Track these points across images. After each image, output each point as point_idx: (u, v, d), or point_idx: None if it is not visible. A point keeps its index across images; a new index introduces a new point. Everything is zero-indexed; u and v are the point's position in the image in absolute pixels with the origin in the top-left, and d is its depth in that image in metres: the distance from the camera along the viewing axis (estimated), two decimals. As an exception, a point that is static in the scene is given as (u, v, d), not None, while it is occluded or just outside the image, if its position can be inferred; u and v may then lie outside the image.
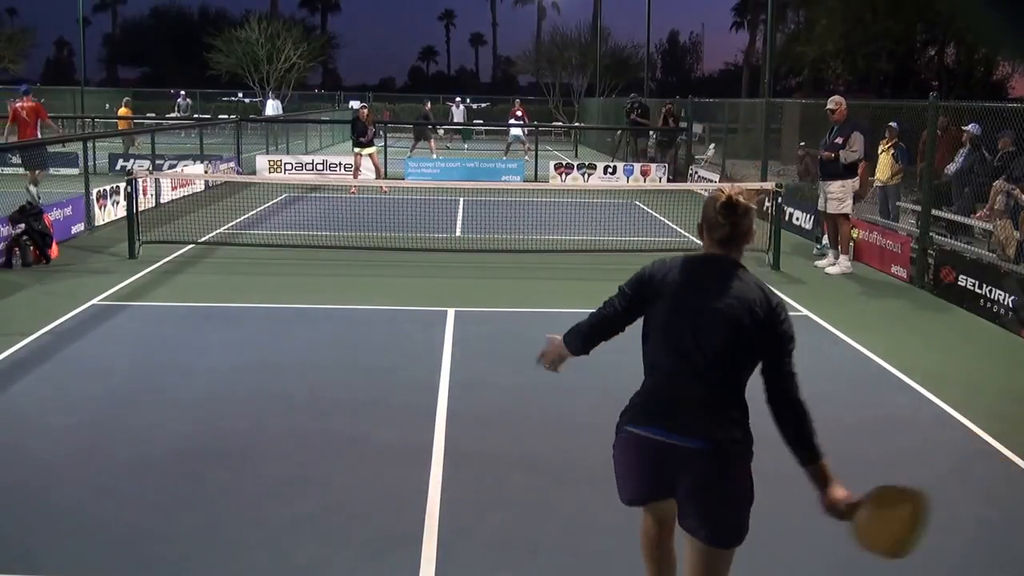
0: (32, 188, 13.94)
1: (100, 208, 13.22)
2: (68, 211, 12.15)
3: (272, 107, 35.08)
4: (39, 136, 16.39)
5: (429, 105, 34.92)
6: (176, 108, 38.06)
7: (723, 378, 3.02)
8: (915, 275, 10.37)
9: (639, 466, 3.10)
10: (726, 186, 3.15)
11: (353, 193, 17.37)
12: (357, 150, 19.13)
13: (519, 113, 31.17)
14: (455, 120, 37.90)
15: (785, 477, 5.01)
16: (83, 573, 3.91)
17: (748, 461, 3.08)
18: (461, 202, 16.31)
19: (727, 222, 3.02)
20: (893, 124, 12.73)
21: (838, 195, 10.94)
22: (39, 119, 16.49)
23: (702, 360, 2.98)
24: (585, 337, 3.42)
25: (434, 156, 24.70)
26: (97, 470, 4.92)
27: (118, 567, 3.97)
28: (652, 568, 3.36)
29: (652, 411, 3.05)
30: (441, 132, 35.42)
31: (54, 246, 10.74)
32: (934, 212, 11.11)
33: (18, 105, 16.29)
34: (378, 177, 18.80)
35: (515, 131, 30.15)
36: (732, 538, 3.05)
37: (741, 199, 3.05)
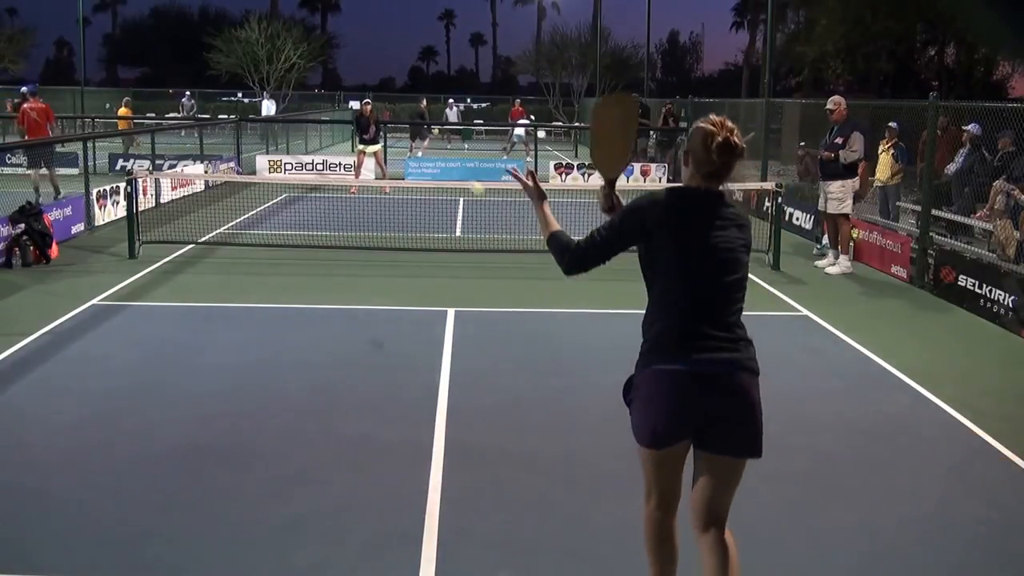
0: (52, 188, 14.10)
1: (100, 208, 13.22)
2: (68, 211, 12.15)
3: (267, 107, 35.08)
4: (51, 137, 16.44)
5: (424, 103, 34.94)
6: (180, 108, 38.04)
7: (737, 303, 3.23)
8: (915, 275, 10.37)
9: (668, 401, 3.13)
10: (717, 120, 3.22)
11: (353, 193, 17.34)
12: (360, 147, 19.00)
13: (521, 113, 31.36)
14: (450, 121, 37.95)
15: (785, 476, 5.02)
16: (83, 573, 3.91)
17: (758, 373, 3.26)
18: (461, 202, 16.31)
19: (720, 161, 3.16)
20: (892, 124, 12.73)
21: (838, 195, 10.94)
22: (48, 122, 16.40)
23: (722, 290, 3.17)
24: (573, 271, 3.35)
25: (419, 154, 24.71)
26: (97, 470, 4.92)
27: (118, 567, 3.97)
28: (658, 559, 3.32)
29: (679, 346, 3.13)
30: (436, 131, 35.44)
31: (54, 246, 10.74)
32: (934, 212, 11.11)
33: (27, 106, 16.24)
34: (383, 176, 18.74)
35: (518, 131, 30.23)
36: (760, 446, 3.24)
37: (737, 140, 3.18)
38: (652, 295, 3.26)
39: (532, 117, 31.08)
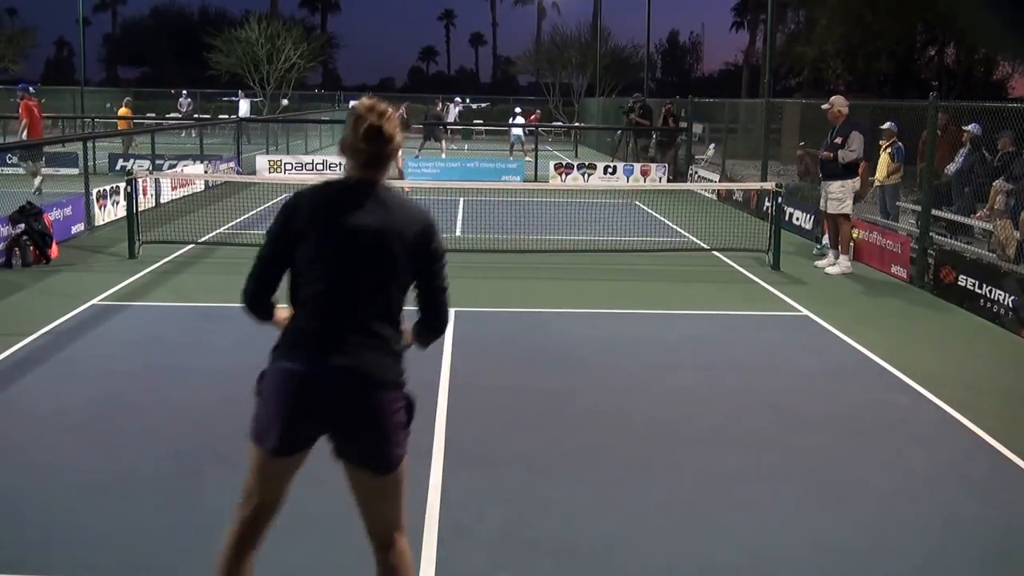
0: (36, 180, 14.16)
1: (100, 208, 13.22)
2: (68, 211, 12.15)
3: (243, 108, 34.95)
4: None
5: (440, 106, 34.93)
6: (179, 107, 38.02)
7: (380, 303, 2.97)
8: (915, 275, 10.37)
9: (280, 403, 2.91)
10: (367, 103, 3.01)
11: (405, 191, 17.08)
12: None
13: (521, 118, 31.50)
14: (448, 120, 38.02)
15: (785, 476, 5.02)
16: (83, 573, 3.91)
17: (401, 384, 3.05)
18: (461, 202, 16.30)
19: (369, 148, 2.95)
20: (888, 125, 12.72)
21: (838, 195, 10.94)
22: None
23: (361, 286, 2.93)
24: (257, 305, 3.14)
25: (443, 156, 24.71)
26: (97, 470, 4.92)
27: (118, 567, 3.97)
28: (223, 571, 3.09)
29: (301, 344, 2.94)
30: (449, 132, 35.57)
31: (54, 246, 10.74)
32: (934, 212, 11.11)
33: (31, 103, 16.74)
34: (398, 176, 18.60)
35: (516, 131, 30.28)
36: (391, 464, 3.03)
37: (386, 126, 2.95)
38: (291, 291, 3.03)
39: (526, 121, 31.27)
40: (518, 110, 35.76)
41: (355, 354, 2.90)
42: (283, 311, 3.11)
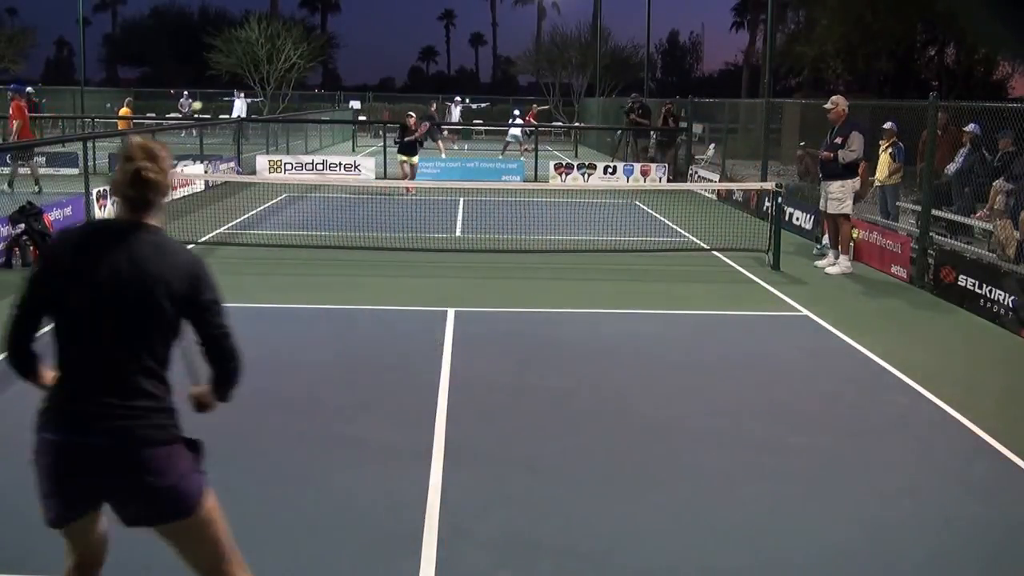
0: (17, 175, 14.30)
1: (100, 208, 13.21)
2: (68, 211, 12.14)
3: (238, 107, 34.97)
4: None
5: (435, 106, 35.02)
6: (180, 107, 37.98)
7: (139, 357, 2.73)
8: (915, 275, 10.37)
9: (57, 477, 2.77)
10: (136, 144, 2.80)
11: (411, 191, 16.79)
12: (403, 158, 18.23)
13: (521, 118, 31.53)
14: (452, 120, 38.01)
15: (785, 476, 5.02)
16: (83, 573, 3.91)
17: (174, 439, 2.81)
18: (461, 202, 16.31)
19: (135, 194, 2.76)
20: (888, 125, 12.72)
21: (838, 195, 10.94)
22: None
23: (116, 341, 2.71)
24: (17, 359, 2.86)
25: (443, 155, 24.69)
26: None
27: (118, 567, 3.96)
28: None
29: (63, 411, 2.75)
30: (446, 132, 35.63)
31: (54, 246, 10.73)
32: (934, 212, 11.11)
33: (22, 103, 16.84)
34: (411, 177, 18.19)
35: (514, 131, 30.29)
36: (183, 509, 2.82)
37: (151, 175, 2.74)
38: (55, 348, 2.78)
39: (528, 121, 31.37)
40: (516, 112, 35.83)
41: (119, 418, 2.70)
42: (50, 373, 2.87)
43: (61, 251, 2.77)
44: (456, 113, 38.57)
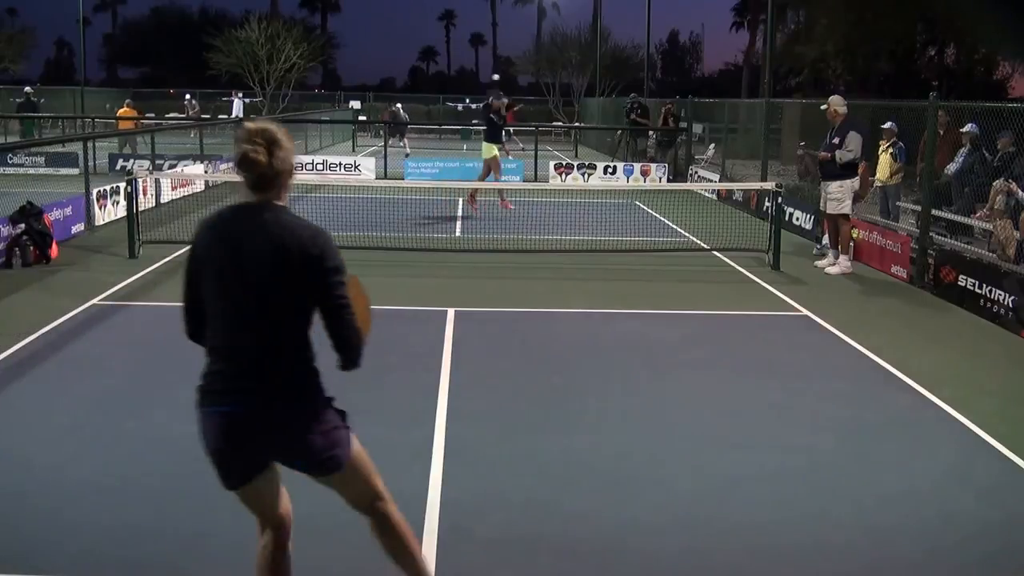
0: None
1: (100, 208, 13.23)
2: (68, 211, 12.16)
3: (236, 107, 34.99)
4: None
5: (399, 106, 36.15)
6: (184, 109, 37.98)
7: (278, 326, 2.96)
8: (915, 275, 10.37)
9: (219, 448, 2.99)
10: (252, 128, 2.94)
11: (509, 207, 15.59)
12: (494, 149, 15.94)
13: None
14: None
15: (785, 476, 5.02)
16: (83, 573, 3.92)
17: (323, 404, 3.09)
18: (461, 202, 16.30)
19: (247, 175, 2.93)
20: (888, 124, 12.72)
21: (837, 195, 10.94)
22: None
23: (253, 314, 2.92)
24: (201, 340, 3.14)
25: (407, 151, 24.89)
26: (96, 470, 4.92)
27: (118, 567, 3.97)
28: None
29: (217, 387, 2.97)
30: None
31: (54, 246, 10.74)
32: (934, 212, 11.11)
33: None
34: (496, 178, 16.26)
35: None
36: (333, 464, 3.09)
37: (260, 156, 2.89)
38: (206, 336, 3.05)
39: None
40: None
41: (270, 386, 2.95)
42: None
43: (198, 240, 2.99)
44: None
